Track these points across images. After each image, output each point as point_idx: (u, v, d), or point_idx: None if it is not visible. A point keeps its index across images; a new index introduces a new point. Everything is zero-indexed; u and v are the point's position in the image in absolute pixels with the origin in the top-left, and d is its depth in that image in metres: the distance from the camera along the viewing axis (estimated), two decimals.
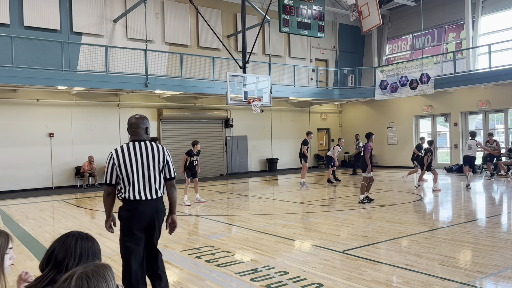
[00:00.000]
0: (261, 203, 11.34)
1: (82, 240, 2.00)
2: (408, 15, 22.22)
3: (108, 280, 1.60)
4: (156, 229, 3.81)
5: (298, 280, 4.82)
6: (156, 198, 3.79)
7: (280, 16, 15.59)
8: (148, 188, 3.75)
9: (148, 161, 3.77)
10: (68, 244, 1.97)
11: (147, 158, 3.77)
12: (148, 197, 3.74)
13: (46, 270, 1.95)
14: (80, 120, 16.34)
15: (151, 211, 3.74)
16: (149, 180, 3.76)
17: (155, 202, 3.78)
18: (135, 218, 3.70)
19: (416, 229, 7.42)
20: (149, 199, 3.74)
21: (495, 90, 17.65)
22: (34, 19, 15.22)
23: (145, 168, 3.75)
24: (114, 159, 3.74)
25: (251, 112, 17.46)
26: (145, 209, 3.71)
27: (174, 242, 6.92)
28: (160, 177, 3.84)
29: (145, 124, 3.88)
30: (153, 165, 3.78)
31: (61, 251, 1.95)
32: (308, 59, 22.75)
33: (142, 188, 3.72)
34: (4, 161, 14.70)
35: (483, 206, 10.43)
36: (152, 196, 3.75)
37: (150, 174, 3.76)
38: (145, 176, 3.74)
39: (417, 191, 12.69)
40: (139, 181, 3.73)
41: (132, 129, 3.87)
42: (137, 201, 3.71)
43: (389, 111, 22.03)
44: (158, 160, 3.80)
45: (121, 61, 15.86)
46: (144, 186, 3.73)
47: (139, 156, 3.75)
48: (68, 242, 1.97)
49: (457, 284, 4.57)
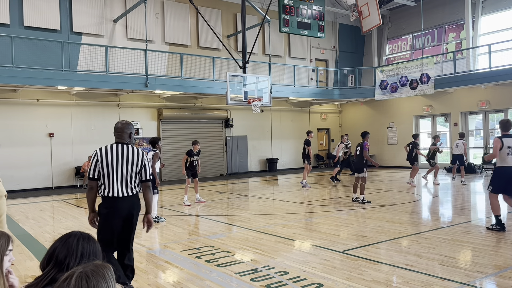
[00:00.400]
0: (261, 203, 11.34)
1: (83, 240, 2.00)
2: (408, 15, 22.22)
3: (108, 280, 1.60)
4: (132, 222, 4.27)
5: (298, 280, 4.82)
6: (132, 195, 4.24)
7: (280, 16, 15.59)
8: (125, 186, 4.18)
9: (128, 162, 4.20)
10: (70, 243, 1.96)
11: (127, 159, 4.20)
12: (125, 194, 4.18)
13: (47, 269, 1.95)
14: (80, 120, 16.34)
15: (128, 206, 4.20)
16: (127, 179, 4.19)
17: (131, 198, 4.22)
18: (113, 214, 4.15)
19: (416, 229, 7.42)
20: (126, 196, 4.18)
21: (495, 90, 17.64)
22: (34, 19, 15.22)
23: (124, 168, 4.17)
24: (98, 156, 4.18)
25: (251, 112, 17.46)
26: (122, 205, 4.16)
27: (174, 242, 6.93)
28: (137, 178, 4.28)
29: (129, 130, 4.34)
30: (131, 167, 4.21)
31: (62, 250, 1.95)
32: (308, 59, 22.75)
33: (120, 186, 4.15)
34: (4, 161, 14.69)
35: (483, 206, 10.42)
36: (128, 193, 4.20)
37: (128, 174, 4.19)
38: (123, 175, 4.17)
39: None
40: (118, 179, 4.15)
41: (118, 133, 4.32)
42: (115, 198, 4.14)
43: (389, 111, 22.03)
44: (136, 163, 4.24)
45: (121, 61, 15.86)
46: (122, 184, 4.16)
47: (120, 157, 4.18)
48: (70, 242, 1.97)
49: (457, 284, 4.57)
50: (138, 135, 17.67)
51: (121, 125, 4.34)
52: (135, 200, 4.28)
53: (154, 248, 6.70)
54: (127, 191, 4.19)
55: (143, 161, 4.30)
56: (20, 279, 5.17)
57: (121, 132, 4.31)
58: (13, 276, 2.18)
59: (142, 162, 4.29)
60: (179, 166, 18.62)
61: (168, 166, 18.56)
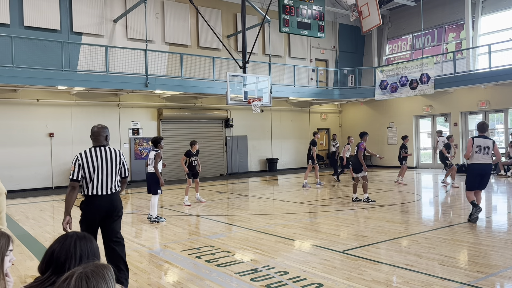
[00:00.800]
0: (261, 203, 11.34)
1: (81, 241, 1.99)
2: (408, 15, 22.22)
3: (108, 280, 1.60)
4: (113, 217, 4.54)
5: (298, 280, 4.82)
6: (111, 193, 4.53)
7: (280, 16, 15.58)
8: (105, 185, 4.49)
9: (107, 163, 4.50)
10: (67, 246, 1.96)
11: (106, 161, 4.51)
12: (105, 192, 4.48)
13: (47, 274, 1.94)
14: (80, 120, 16.34)
15: (108, 204, 4.49)
16: (107, 178, 4.49)
17: (111, 196, 4.52)
18: (94, 210, 4.46)
19: (416, 229, 7.42)
20: (108, 193, 4.49)
21: (495, 90, 17.64)
22: (34, 19, 15.22)
23: (104, 169, 4.48)
24: (79, 160, 4.47)
25: (251, 112, 17.46)
26: (103, 203, 4.47)
27: (174, 242, 6.93)
28: (117, 177, 4.60)
29: (105, 133, 4.65)
30: (111, 167, 4.52)
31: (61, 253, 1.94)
32: (308, 59, 22.75)
33: (100, 185, 4.46)
34: (4, 161, 14.70)
35: (483, 206, 10.42)
36: (107, 192, 4.50)
37: (108, 174, 4.50)
38: (104, 175, 4.48)
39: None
40: (99, 179, 4.45)
41: (94, 137, 4.60)
42: (96, 196, 4.45)
43: (389, 111, 22.03)
44: (115, 163, 4.56)
45: (121, 61, 15.86)
46: (102, 183, 4.46)
47: (99, 159, 4.48)
48: (68, 244, 1.96)
49: (457, 284, 4.57)
50: (138, 135, 17.67)
51: (97, 129, 4.63)
52: (115, 197, 4.58)
53: (154, 248, 6.71)
54: (108, 190, 4.49)
55: (121, 161, 4.63)
56: (20, 279, 5.18)
57: (98, 136, 4.60)
58: (9, 279, 2.18)
59: (121, 161, 4.62)
60: (179, 166, 18.59)
61: (168, 166, 18.55)
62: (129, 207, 11.55)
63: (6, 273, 2.16)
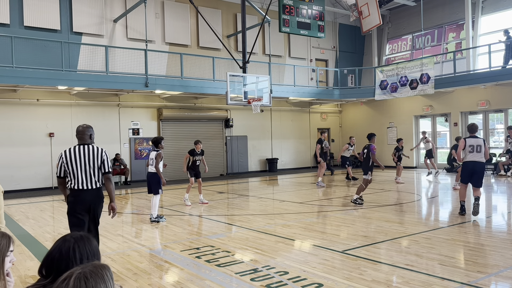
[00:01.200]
0: (261, 203, 11.34)
1: (79, 244, 1.97)
2: (408, 15, 22.21)
3: (107, 281, 1.60)
4: (95, 210, 4.92)
5: (298, 280, 4.82)
6: (95, 188, 4.86)
7: (280, 16, 15.58)
8: (89, 180, 4.82)
9: (89, 160, 4.84)
10: (66, 251, 1.93)
11: (88, 158, 4.84)
12: (89, 187, 4.83)
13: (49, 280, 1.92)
14: (80, 120, 16.29)
15: (91, 197, 4.85)
16: (89, 174, 4.82)
17: (94, 191, 4.86)
18: (78, 202, 4.83)
19: (416, 229, 7.42)
20: (89, 188, 4.83)
21: (495, 90, 17.64)
22: (34, 19, 15.22)
23: (87, 165, 4.82)
24: (62, 158, 4.85)
25: (251, 112, 17.46)
26: (86, 196, 4.82)
27: (174, 242, 6.93)
28: (99, 172, 4.89)
29: (89, 132, 4.98)
30: (92, 163, 4.84)
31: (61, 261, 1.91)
32: (308, 59, 22.75)
33: (84, 180, 4.81)
34: (4, 161, 14.70)
35: (483, 206, 10.42)
36: (91, 186, 4.84)
37: (90, 169, 4.83)
38: (86, 171, 4.81)
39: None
40: (81, 175, 4.80)
41: (79, 135, 4.94)
42: (80, 190, 4.81)
43: (389, 111, 22.03)
44: (97, 160, 4.87)
45: (121, 61, 15.86)
46: (85, 178, 4.81)
47: (82, 156, 4.83)
48: (66, 249, 1.93)
49: (457, 284, 4.57)
50: (138, 135, 17.67)
51: (82, 128, 4.97)
52: (97, 192, 4.90)
53: (155, 248, 6.71)
54: (90, 184, 4.83)
55: (102, 157, 4.92)
56: (20, 279, 5.18)
57: (83, 135, 4.94)
58: (10, 279, 2.18)
59: (101, 158, 4.91)
60: (179, 166, 18.60)
61: (169, 166, 18.52)
62: (129, 207, 11.55)
63: (7, 273, 2.16)
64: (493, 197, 11.96)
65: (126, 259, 5.95)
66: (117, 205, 11.72)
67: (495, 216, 8.95)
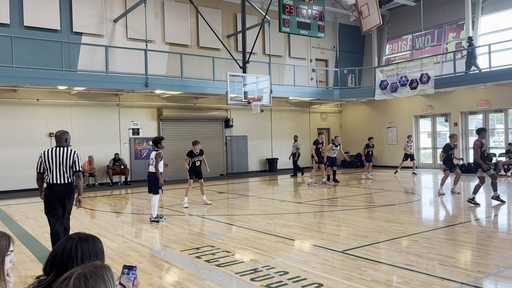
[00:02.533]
0: (261, 203, 11.34)
1: (82, 243, 1.98)
2: (408, 15, 22.21)
3: (107, 281, 1.59)
4: (67, 201, 6.00)
5: (298, 280, 4.82)
6: (67, 183, 5.95)
7: (280, 16, 15.58)
8: (62, 176, 5.92)
9: (63, 160, 5.92)
10: (69, 249, 1.95)
11: (62, 158, 5.92)
12: (62, 181, 5.92)
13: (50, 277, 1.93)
14: (80, 120, 16.34)
15: (63, 190, 5.95)
16: (62, 171, 5.92)
17: (65, 185, 5.95)
18: (52, 194, 5.95)
19: (416, 229, 7.42)
20: (61, 183, 5.92)
21: (495, 90, 17.64)
22: (34, 19, 15.22)
23: (61, 164, 5.91)
24: (42, 157, 5.99)
25: (251, 112, 17.46)
26: (59, 189, 5.93)
27: (174, 242, 6.93)
28: (70, 170, 5.96)
29: (65, 136, 6.06)
30: (65, 162, 5.92)
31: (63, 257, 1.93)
32: (308, 59, 22.75)
33: (58, 176, 5.91)
34: (4, 161, 14.70)
35: (483, 206, 10.42)
36: (64, 181, 5.93)
37: (63, 167, 5.92)
38: (60, 168, 5.91)
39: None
40: (55, 171, 5.90)
41: (57, 139, 6.07)
42: (55, 184, 5.91)
43: (389, 111, 22.03)
44: (67, 159, 5.93)
45: (121, 61, 15.86)
46: (58, 174, 5.91)
47: (56, 156, 5.92)
48: (69, 247, 1.95)
49: (457, 284, 4.57)
50: (138, 135, 17.67)
51: (59, 134, 6.07)
52: (69, 186, 5.97)
53: (154, 248, 6.71)
54: (62, 180, 5.92)
55: (73, 158, 5.95)
56: (20, 279, 5.18)
57: (59, 138, 6.04)
58: (10, 279, 2.18)
59: (72, 158, 5.94)
60: (179, 166, 18.62)
61: (169, 166, 18.50)
62: (129, 207, 11.56)
63: (7, 273, 2.16)
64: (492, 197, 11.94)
65: (126, 259, 5.95)
66: (117, 205, 11.74)
67: (495, 216, 8.95)
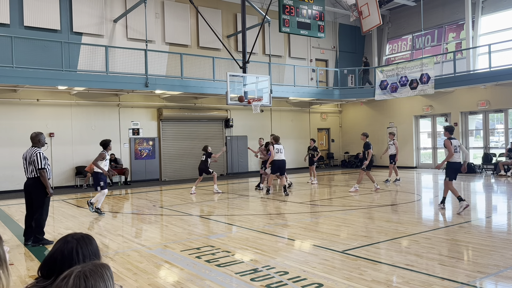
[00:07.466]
0: (261, 203, 11.34)
1: (81, 244, 1.96)
2: (408, 15, 22.21)
3: (106, 280, 1.59)
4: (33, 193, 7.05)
5: (298, 280, 4.82)
6: (32, 177, 7.00)
7: (280, 16, 15.57)
8: (29, 171, 7.01)
9: (27, 158, 7.01)
10: (69, 252, 1.93)
11: (27, 156, 7.03)
12: (29, 176, 7.04)
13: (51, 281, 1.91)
14: (80, 120, 16.34)
15: (30, 183, 7.04)
16: (29, 167, 6.99)
17: (31, 179, 7.02)
18: (24, 187, 7.13)
19: (416, 229, 7.42)
20: (29, 177, 7.05)
21: (495, 90, 17.64)
22: (34, 19, 15.21)
23: (28, 161, 7.00)
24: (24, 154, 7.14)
25: (251, 112, 17.45)
26: (27, 182, 7.08)
27: (174, 242, 6.93)
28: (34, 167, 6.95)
29: (39, 137, 7.11)
30: (30, 160, 6.97)
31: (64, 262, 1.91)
32: (308, 59, 22.75)
33: (26, 172, 7.05)
34: (4, 161, 14.70)
35: (483, 206, 10.43)
36: (30, 176, 7.02)
37: (26, 164, 7.03)
38: (28, 165, 7.00)
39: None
40: (25, 168, 7.06)
41: (32, 140, 7.11)
42: (27, 178, 7.07)
43: (389, 111, 22.03)
44: (30, 158, 6.97)
45: (121, 61, 15.86)
46: (26, 170, 7.04)
47: (27, 154, 7.04)
48: (69, 250, 1.93)
49: (457, 284, 4.57)
50: (138, 135, 17.67)
51: (34, 135, 7.12)
52: (32, 181, 7.00)
53: (154, 248, 6.70)
54: (29, 174, 7.03)
55: (33, 157, 6.92)
56: (20, 279, 5.17)
57: (34, 139, 7.09)
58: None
59: (32, 157, 6.93)
60: (179, 166, 18.66)
61: (169, 166, 18.56)
62: (129, 207, 11.56)
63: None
64: (493, 197, 11.97)
65: (126, 259, 5.95)
66: (117, 205, 11.73)
67: (495, 216, 8.95)
